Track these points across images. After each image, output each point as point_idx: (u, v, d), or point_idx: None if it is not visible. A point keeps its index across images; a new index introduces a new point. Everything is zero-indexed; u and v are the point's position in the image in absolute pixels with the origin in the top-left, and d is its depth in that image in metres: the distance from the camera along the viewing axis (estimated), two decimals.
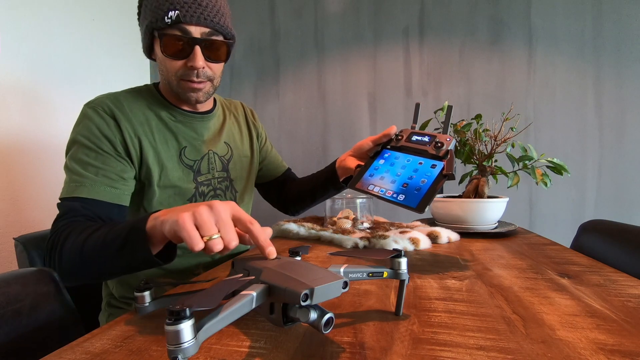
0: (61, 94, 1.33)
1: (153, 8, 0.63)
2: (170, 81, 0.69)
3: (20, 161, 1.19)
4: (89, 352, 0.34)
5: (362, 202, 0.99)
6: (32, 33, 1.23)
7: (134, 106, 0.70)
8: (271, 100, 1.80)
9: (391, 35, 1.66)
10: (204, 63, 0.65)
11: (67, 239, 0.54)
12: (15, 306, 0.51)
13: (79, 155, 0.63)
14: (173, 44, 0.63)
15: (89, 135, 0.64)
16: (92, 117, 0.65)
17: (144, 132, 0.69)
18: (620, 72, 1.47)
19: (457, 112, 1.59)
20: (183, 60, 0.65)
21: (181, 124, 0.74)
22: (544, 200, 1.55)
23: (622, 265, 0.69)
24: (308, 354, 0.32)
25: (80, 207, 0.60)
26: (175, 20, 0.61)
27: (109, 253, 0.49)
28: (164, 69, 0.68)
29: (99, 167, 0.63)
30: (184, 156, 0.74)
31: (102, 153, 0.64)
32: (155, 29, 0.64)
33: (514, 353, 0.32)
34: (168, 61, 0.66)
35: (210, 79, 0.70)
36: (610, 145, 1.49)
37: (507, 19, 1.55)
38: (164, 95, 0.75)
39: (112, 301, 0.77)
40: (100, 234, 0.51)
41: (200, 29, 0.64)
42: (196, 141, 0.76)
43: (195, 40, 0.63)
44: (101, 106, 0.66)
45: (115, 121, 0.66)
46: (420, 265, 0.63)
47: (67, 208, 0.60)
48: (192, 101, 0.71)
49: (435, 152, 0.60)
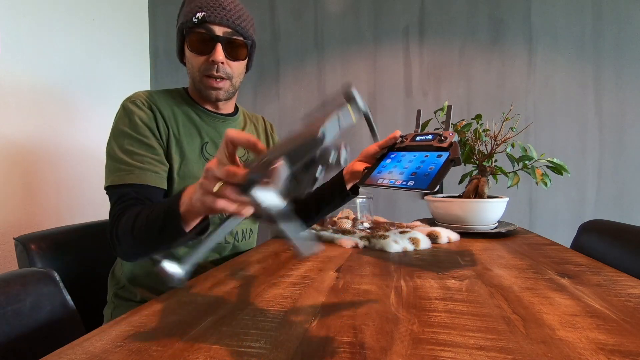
0: (61, 94, 1.33)
1: (185, 13, 0.73)
2: (194, 77, 0.76)
3: (20, 161, 1.19)
4: (89, 352, 0.34)
5: (362, 202, 0.99)
6: (32, 33, 1.22)
7: (164, 101, 0.77)
8: (271, 100, 1.79)
9: (391, 35, 1.66)
10: (223, 59, 0.73)
11: (120, 223, 0.61)
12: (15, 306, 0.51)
13: (125, 146, 0.69)
14: (198, 40, 0.72)
15: (133, 126, 0.71)
16: (133, 110, 0.72)
17: (171, 125, 0.76)
18: (620, 72, 1.47)
19: (457, 112, 1.59)
20: (206, 55, 0.73)
21: (205, 123, 0.81)
22: (544, 200, 1.55)
23: (622, 265, 0.69)
24: (308, 354, 0.32)
25: (132, 192, 0.66)
26: (201, 20, 0.70)
27: (152, 235, 0.55)
28: (190, 66, 0.76)
29: (143, 155, 0.69)
30: (205, 151, 0.79)
31: (145, 142, 0.70)
32: (185, 29, 0.73)
33: (514, 353, 0.32)
34: (193, 57, 0.74)
35: (229, 77, 0.76)
36: (610, 145, 1.49)
37: (507, 19, 1.55)
38: (191, 96, 0.83)
39: (119, 292, 0.77)
40: (144, 217, 0.57)
41: (222, 29, 0.72)
42: (217, 139, 0.82)
43: (217, 38, 0.72)
44: (139, 99, 0.74)
45: (152, 112, 0.74)
46: (420, 265, 0.63)
47: (119, 194, 0.66)
48: (213, 98, 0.77)
49: (439, 144, 0.63)
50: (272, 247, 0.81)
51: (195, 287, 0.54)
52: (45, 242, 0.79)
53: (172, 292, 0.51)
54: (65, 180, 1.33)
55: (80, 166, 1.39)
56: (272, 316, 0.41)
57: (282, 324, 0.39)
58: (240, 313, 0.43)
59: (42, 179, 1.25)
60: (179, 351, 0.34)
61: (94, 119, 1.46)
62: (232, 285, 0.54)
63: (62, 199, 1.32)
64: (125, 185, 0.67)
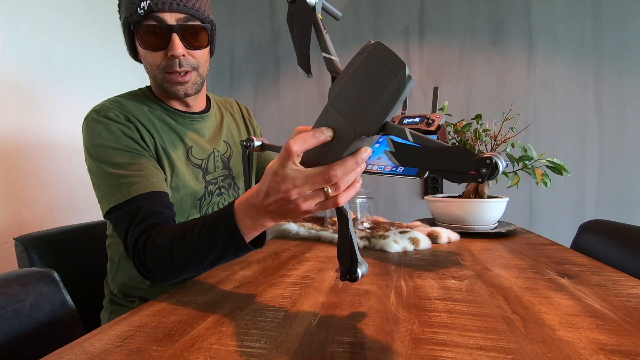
0: (61, 94, 1.33)
1: (126, 3, 0.63)
2: (155, 77, 0.67)
3: (20, 161, 1.19)
4: (89, 352, 0.34)
5: (362, 202, 0.99)
6: (32, 33, 1.23)
7: (138, 110, 0.69)
8: (271, 100, 1.79)
9: (391, 35, 1.66)
10: (183, 50, 0.64)
11: (148, 251, 0.54)
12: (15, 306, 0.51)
13: (114, 160, 0.61)
14: (149, 34, 0.62)
15: (115, 138, 0.63)
16: (107, 123, 0.64)
17: (153, 134, 0.69)
18: (620, 71, 1.47)
19: (457, 112, 1.59)
20: (162, 51, 0.64)
21: (182, 126, 0.74)
22: (544, 200, 1.55)
23: (622, 265, 0.69)
24: (308, 354, 0.32)
25: (144, 206, 0.58)
26: (148, 10, 0.60)
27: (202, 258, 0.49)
28: (147, 65, 0.67)
29: (138, 163, 0.62)
30: (191, 156, 0.74)
31: (133, 152, 0.63)
32: (131, 23, 0.63)
33: (514, 353, 0.32)
34: (148, 54, 0.64)
35: (194, 68, 0.67)
36: (610, 145, 1.49)
37: (507, 19, 1.55)
38: (158, 96, 0.74)
39: (114, 298, 0.77)
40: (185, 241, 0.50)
41: (174, 16, 0.62)
42: (200, 140, 0.76)
43: (171, 28, 0.62)
44: (111, 111, 0.65)
45: (131, 123, 0.66)
46: (420, 265, 0.63)
47: (130, 214, 0.58)
48: (181, 95, 0.69)
49: (427, 127, 0.62)
50: (272, 247, 0.81)
51: (195, 287, 0.54)
52: (45, 242, 0.79)
53: (172, 292, 0.51)
54: (66, 181, 1.33)
55: (81, 166, 1.39)
56: (272, 316, 0.41)
57: (282, 324, 0.39)
58: (240, 313, 0.43)
59: (42, 179, 1.25)
60: (179, 351, 0.34)
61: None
62: (232, 285, 0.54)
63: (63, 199, 1.32)
64: (133, 200, 0.58)
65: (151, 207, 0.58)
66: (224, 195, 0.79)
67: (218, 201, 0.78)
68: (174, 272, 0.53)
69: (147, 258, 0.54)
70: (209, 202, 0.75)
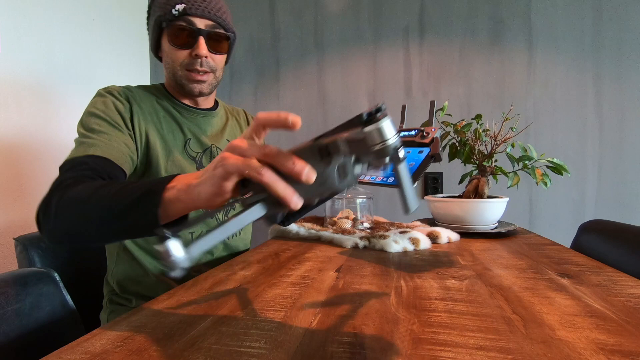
0: (61, 94, 1.33)
1: (162, 4, 0.70)
2: (175, 72, 0.73)
3: (20, 161, 1.19)
4: (89, 352, 0.34)
5: (362, 202, 0.99)
6: (32, 33, 1.22)
7: (144, 97, 0.75)
8: (271, 100, 1.79)
9: (391, 35, 1.66)
10: (207, 52, 0.71)
11: (67, 192, 0.50)
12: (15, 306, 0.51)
13: (91, 125, 0.65)
14: (179, 34, 0.70)
15: (104, 109, 0.67)
16: (107, 97, 0.70)
17: (153, 121, 0.73)
18: (621, 71, 1.47)
19: (457, 112, 1.59)
20: (188, 50, 0.71)
21: (185, 119, 0.79)
22: (544, 200, 1.55)
23: (622, 265, 0.69)
24: (308, 354, 0.32)
25: (91, 162, 0.58)
26: (182, 12, 0.68)
27: (111, 215, 0.44)
28: (170, 60, 0.73)
29: (110, 135, 0.65)
30: (188, 147, 0.78)
31: (114, 125, 0.67)
32: (163, 21, 0.70)
33: (514, 353, 0.32)
34: (174, 51, 0.72)
35: (212, 70, 0.75)
36: (610, 145, 1.49)
37: (507, 19, 1.55)
38: (169, 91, 0.80)
39: (113, 297, 0.77)
40: (108, 192, 0.45)
41: (204, 22, 0.70)
42: (200, 135, 0.80)
43: (200, 31, 0.70)
44: (116, 90, 0.72)
45: (129, 104, 0.71)
46: (420, 265, 0.63)
47: (76, 162, 0.58)
48: (196, 92, 0.75)
49: (421, 140, 0.63)
50: (272, 247, 0.81)
51: (195, 287, 0.54)
52: (45, 242, 0.79)
53: (172, 292, 0.51)
54: None
55: None
56: (272, 316, 0.41)
57: (282, 324, 0.39)
58: (240, 313, 0.43)
59: (42, 179, 1.25)
60: (179, 351, 0.34)
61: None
62: (232, 285, 0.54)
63: None
64: (84, 157, 0.58)
65: (97, 167, 0.58)
66: None
67: None
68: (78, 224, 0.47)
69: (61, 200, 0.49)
70: None
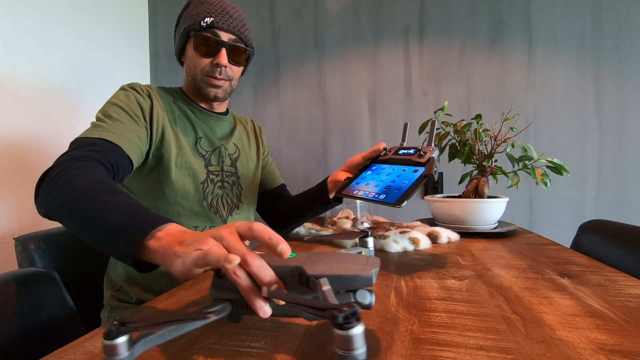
0: (61, 94, 1.33)
1: (192, 15, 0.77)
2: (195, 76, 0.80)
3: (20, 161, 1.19)
4: (89, 352, 0.34)
5: (363, 202, 0.99)
6: (32, 33, 1.22)
7: (163, 96, 0.81)
8: (271, 100, 1.79)
9: (391, 35, 1.66)
10: (227, 62, 0.78)
11: (74, 170, 0.51)
12: (15, 306, 0.51)
13: (110, 113, 0.68)
14: (205, 43, 0.77)
15: (126, 101, 0.71)
16: (130, 91, 0.74)
17: (169, 118, 0.79)
18: (621, 71, 1.47)
19: (457, 112, 1.59)
20: (210, 58, 0.78)
21: (198, 119, 0.84)
22: (544, 200, 1.55)
23: (622, 265, 0.69)
24: (308, 354, 0.32)
25: (101, 143, 0.62)
26: (210, 25, 0.75)
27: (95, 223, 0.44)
28: (192, 65, 0.80)
29: (126, 124, 0.68)
30: (199, 145, 0.83)
31: (132, 116, 0.70)
32: (192, 30, 0.77)
33: (514, 353, 0.32)
34: (197, 58, 0.78)
35: (229, 79, 0.81)
36: (610, 145, 1.49)
37: (507, 19, 1.55)
38: (187, 94, 0.86)
39: (115, 294, 0.77)
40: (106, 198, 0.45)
41: (228, 35, 0.77)
42: (211, 135, 0.86)
43: (223, 43, 0.77)
44: (139, 86, 0.77)
45: (150, 100, 0.76)
46: (420, 265, 0.63)
47: (87, 142, 0.61)
48: (212, 96, 0.81)
49: (418, 159, 0.63)
50: None
51: (195, 287, 0.54)
52: (45, 242, 0.79)
53: (172, 292, 0.51)
54: None
55: None
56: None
57: (282, 324, 0.39)
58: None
59: None
60: (179, 351, 0.34)
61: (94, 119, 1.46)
62: None
63: None
64: (95, 139, 0.61)
65: (106, 151, 0.61)
66: (226, 190, 0.85)
67: (221, 194, 0.83)
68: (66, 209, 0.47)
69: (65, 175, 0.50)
70: (211, 191, 0.82)
